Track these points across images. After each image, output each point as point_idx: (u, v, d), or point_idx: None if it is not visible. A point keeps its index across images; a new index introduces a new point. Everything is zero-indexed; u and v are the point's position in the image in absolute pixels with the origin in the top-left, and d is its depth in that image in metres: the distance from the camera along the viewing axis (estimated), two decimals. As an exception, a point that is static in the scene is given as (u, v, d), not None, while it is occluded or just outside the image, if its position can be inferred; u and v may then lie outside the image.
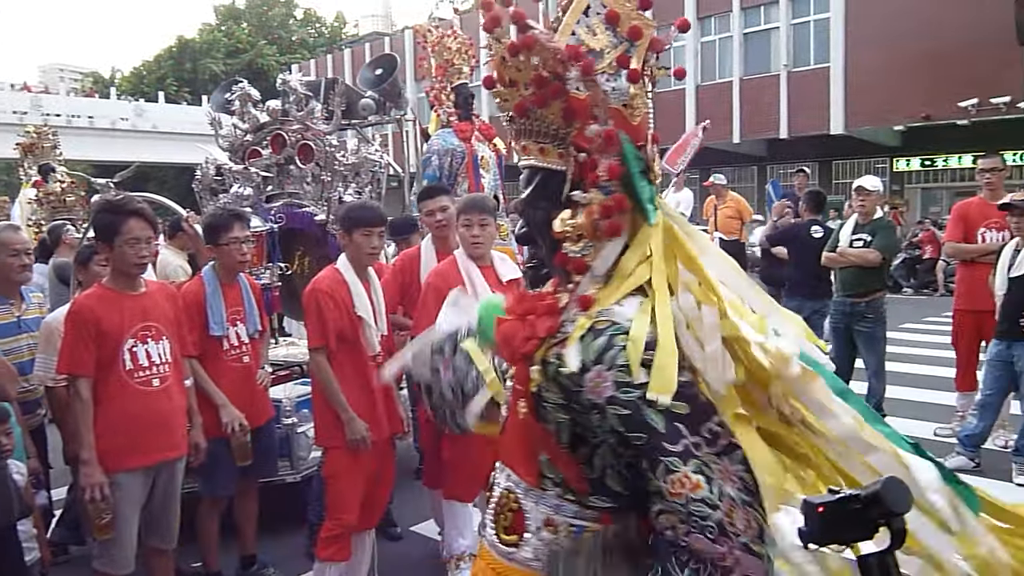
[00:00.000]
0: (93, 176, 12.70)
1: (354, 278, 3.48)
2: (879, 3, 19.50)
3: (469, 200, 3.83)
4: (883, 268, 6.14)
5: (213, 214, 4.08)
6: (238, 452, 3.55)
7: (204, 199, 5.22)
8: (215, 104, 5.78)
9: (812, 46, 21.18)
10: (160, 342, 3.13)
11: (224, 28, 48.98)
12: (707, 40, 23.54)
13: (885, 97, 19.34)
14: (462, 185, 7.21)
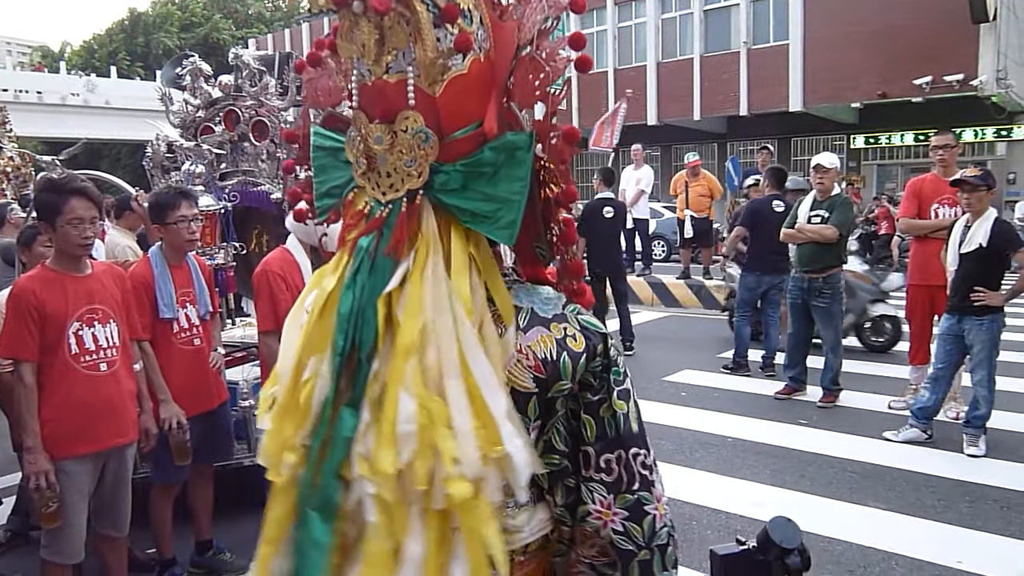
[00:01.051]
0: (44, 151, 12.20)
1: (305, 259, 3.43)
2: (837, -19, 19.66)
3: None
4: (840, 244, 6.22)
5: (158, 193, 3.97)
6: (176, 450, 3.46)
7: (155, 177, 5.08)
8: (165, 79, 5.62)
9: (771, 24, 21.30)
10: (107, 325, 3.02)
11: (178, 1, 47.79)
12: (667, 17, 23.55)
13: (842, 75, 19.56)
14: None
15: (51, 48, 52.45)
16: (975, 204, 5.12)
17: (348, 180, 1.31)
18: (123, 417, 3.08)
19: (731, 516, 4.31)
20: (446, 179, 1.21)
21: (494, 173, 1.20)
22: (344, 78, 1.29)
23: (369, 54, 1.21)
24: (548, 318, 1.29)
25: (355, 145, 1.27)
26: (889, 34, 18.67)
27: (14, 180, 7.95)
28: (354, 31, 1.21)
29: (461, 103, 1.20)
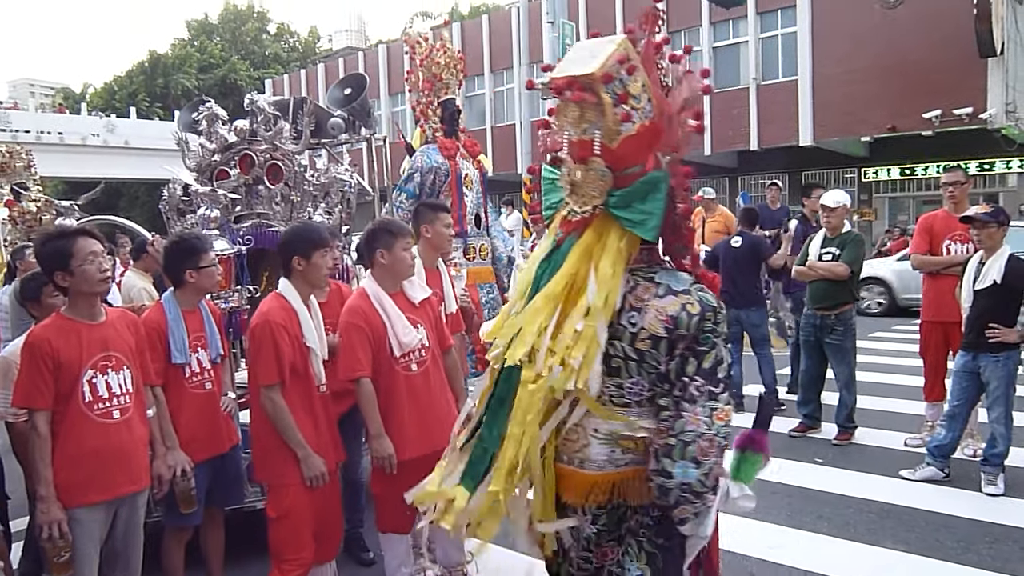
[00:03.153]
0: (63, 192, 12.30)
1: (301, 305, 3.42)
2: (844, 17, 19.80)
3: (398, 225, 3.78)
4: (852, 281, 6.18)
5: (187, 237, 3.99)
6: (181, 498, 3.45)
7: (171, 220, 5.13)
8: (182, 124, 5.69)
9: (780, 60, 21.42)
10: (120, 372, 3.04)
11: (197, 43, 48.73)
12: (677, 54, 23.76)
13: (852, 109, 19.61)
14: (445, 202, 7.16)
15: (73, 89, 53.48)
16: (986, 240, 5.09)
17: (561, 198, 2.16)
18: (136, 464, 3.08)
19: (748, 559, 4.24)
20: (616, 199, 2.02)
21: (644, 196, 1.99)
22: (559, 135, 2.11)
23: (574, 123, 2.04)
24: (678, 291, 2.00)
25: (565, 177, 2.12)
26: (898, 69, 18.75)
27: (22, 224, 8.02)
28: (565, 109, 2.06)
29: (629, 153, 1.99)
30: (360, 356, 3.44)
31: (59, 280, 2.99)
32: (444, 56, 7.50)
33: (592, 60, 2.00)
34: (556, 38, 13.97)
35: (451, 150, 7.33)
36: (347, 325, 3.49)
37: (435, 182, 7.20)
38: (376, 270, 3.62)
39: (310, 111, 5.26)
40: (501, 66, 28.07)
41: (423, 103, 7.51)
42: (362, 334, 3.46)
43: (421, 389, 3.59)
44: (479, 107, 28.86)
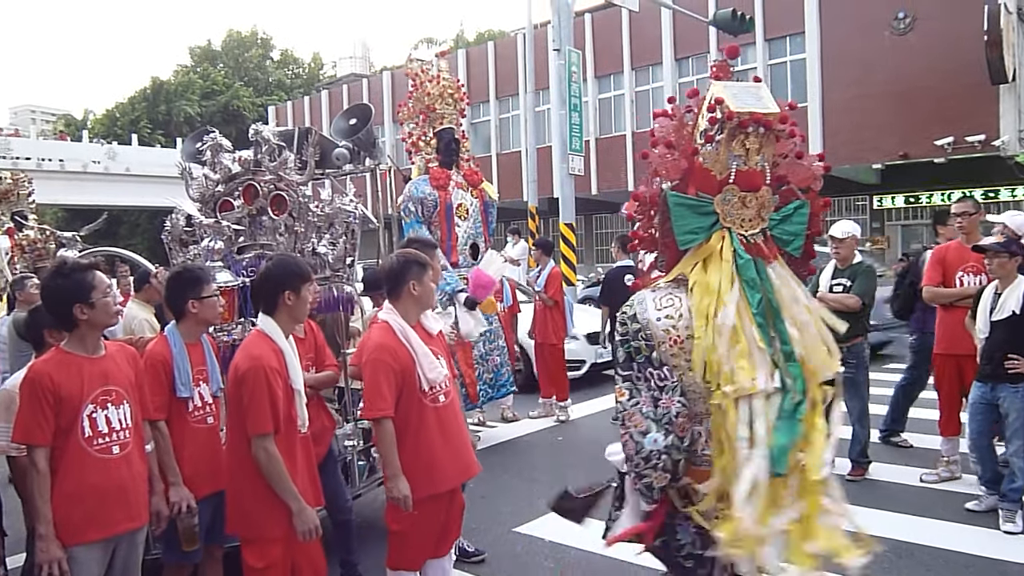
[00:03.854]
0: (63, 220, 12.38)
1: (286, 344, 3.35)
2: (854, 44, 19.98)
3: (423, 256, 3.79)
4: (864, 313, 6.18)
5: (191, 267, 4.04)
6: (184, 535, 3.45)
7: (173, 250, 5.17)
8: (186, 153, 5.74)
9: (789, 86, 21.61)
10: (120, 407, 3.06)
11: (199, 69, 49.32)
12: (685, 81, 23.94)
13: (862, 136, 19.72)
14: (435, 234, 7.23)
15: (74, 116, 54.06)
16: (997, 270, 5.10)
17: (712, 223, 2.47)
18: (135, 501, 3.09)
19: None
20: (773, 222, 2.50)
21: (791, 219, 2.50)
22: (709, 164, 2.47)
23: (750, 154, 2.44)
24: None
25: (729, 203, 2.45)
26: (909, 95, 18.88)
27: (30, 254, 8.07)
28: (744, 140, 2.43)
29: (776, 184, 2.50)
30: (387, 395, 3.39)
31: (77, 313, 3.01)
32: (438, 87, 7.61)
33: (769, 102, 2.45)
34: (562, 65, 14.09)
35: (441, 180, 7.42)
36: (375, 362, 3.42)
37: (422, 212, 7.30)
38: (403, 302, 3.59)
39: (315, 141, 5.32)
40: (506, 93, 28.33)
41: (415, 135, 7.62)
42: (389, 372, 3.41)
43: (450, 420, 3.60)
44: (484, 134, 29.10)
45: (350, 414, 5.19)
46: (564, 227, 13.61)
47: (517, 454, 7.45)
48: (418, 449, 3.44)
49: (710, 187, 2.45)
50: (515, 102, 27.98)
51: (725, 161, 2.43)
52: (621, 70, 25.11)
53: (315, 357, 4.26)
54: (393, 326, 3.52)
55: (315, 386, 4.19)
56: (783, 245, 2.50)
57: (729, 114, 2.37)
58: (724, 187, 2.44)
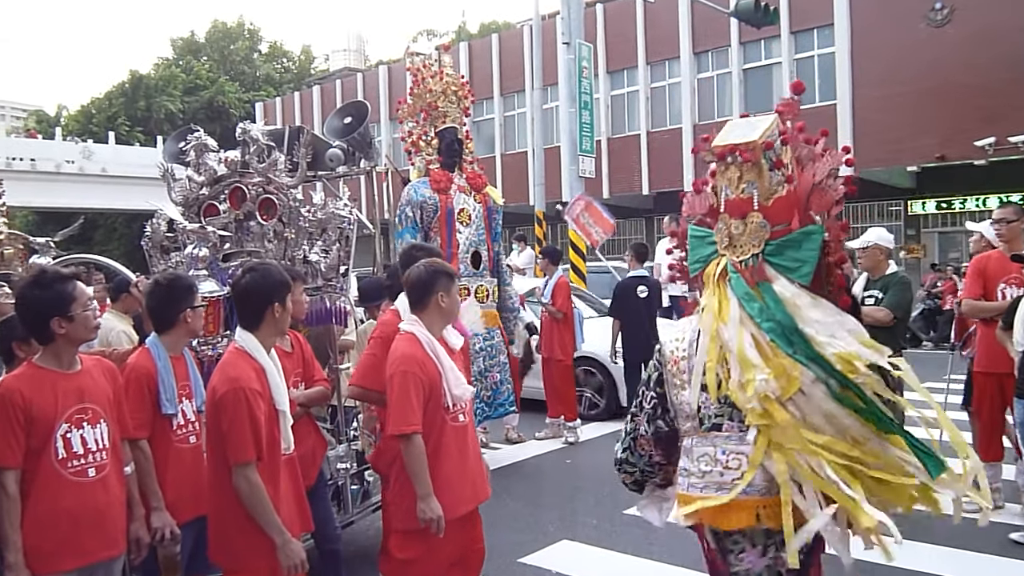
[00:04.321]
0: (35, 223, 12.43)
1: (268, 361, 3.34)
2: (887, 37, 19.97)
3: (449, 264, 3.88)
4: (897, 328, 6.15)
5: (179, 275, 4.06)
6: (165, 564, 3.46)
7: (154, 258, 5.20)
8: (168, 154, 5.78)
9: (816, 82, 21.61)
10: (97, 426, 3.07)
11: (182, 63, 49.49)
12: (704, 77, 24.00)
13: (896, 136, 19.68)
14: (435, 240, 7.24)
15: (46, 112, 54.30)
16: None
17: (712, 252, 2.81)
18: (112, 527, 3.10)
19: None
20: (772, 248, 2.69)
21: (799, 245, 2.67)
22: (713, 196, 2.84)
23: (733, 183, 2.76)
24: None
25: (721, 232, 2.79)
26: (946, 93, 18.86)
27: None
28: (725, 171, 2.77)
29: (781, 211, 2.70)
30: (416, 409, 3.43)
31: (55, 326, 3.01)
32: (440, 83, 7.64)
33: (753, 131, 2.74)
34: (572, 60, 14.15)
35: (442, 183, 7.44)
36: (403, 374, 3.47)
37: (422, 217, 7.31)
38: (429, 314, 3.64)
39: (307, 141, 5.36)
40: (512, 89, 28.42)
41: (415, 134, 7.64)
42: (418, 385, 3.45)
43: (467, 440, 3.66)
44: (487, 133, 29.17)
45: (343, 434, 5.20)
46: (573, 233, 13.62)
47: (522, 478, 7.45)
48: (436, 469, 3.48)
49: (714, 217, 2.84)
50: (521, 99, 28.07)
51: (718, 192, 2.83)
52: (635, 65, 25.16)
53: (304, 372, 4.28)
54: (420, 338, 3.57)
55: (305, 404, 4.20)
56: (789, 272, 2.69)
57: (714, 148, 2.80)
58: (719, 216, 2.82)
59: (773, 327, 2.61)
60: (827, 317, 2.65)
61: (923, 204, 22.14)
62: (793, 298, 2.64)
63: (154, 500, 3.45)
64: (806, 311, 2.62)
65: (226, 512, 3.22)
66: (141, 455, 3.47)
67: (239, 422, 3.13)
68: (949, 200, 21.57)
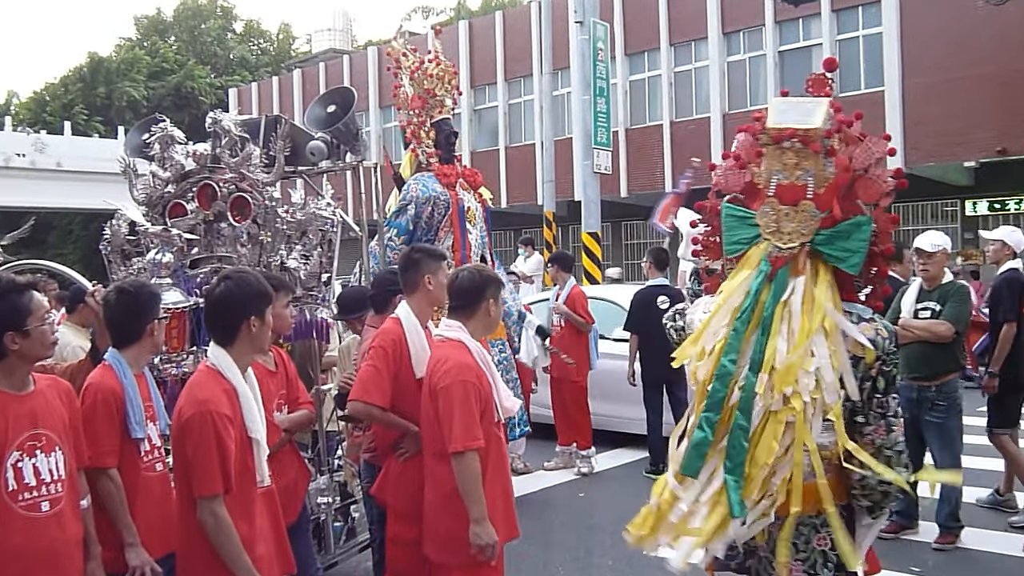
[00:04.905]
0: (-21, 226, 12.47)
1: (243, 383, 3.35)
2: (940, 16, 19.97)
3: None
4: (956, 344, 6.15)
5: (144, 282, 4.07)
6: None
7: (114, 264, 5.22)
8: (130, 147, 5.80)
9: (862, 67, 21.64)
10: (52, 454, 3.06)
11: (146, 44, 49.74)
12: (734, 60, 24.01)
13: (951, 128, 19.66)
14: (445, 240, 7.25)
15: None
16: None
17: (754, 236, 3.05)
18: (68, 567, 3.08)
19: None
20: (822, 238, 2.96)
21: (848, 236, 2.94)
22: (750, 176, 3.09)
23: (789, 169, 2.98)
24: (867, 318, 2.99)
25: (768, 216, 3.01)
26: (1007, 80, 18.84)
27: None
28: (781, 156, 2.99)
29: (829, 199, 2.96)
30: (479, 423, 3.59)
31: (8, 342, 3.00)
32: (437, 68, 7.67)
33: (811, 116, 2.97)
34: (586, 41, 14.19)
35: (452, 178, 7.46)
36: (463, 384, 3.61)
37: (433, 215, 7.29)
38: (475, 322, 3.85)
39: (285, 132, 5.38)
40: (518, 73, 28.50)
41: (415, 123, 7.66)
42: (478, 396, 3.62)
43: (507, 462, 3.82)
44: (490, 123, 29.26)
45: (325, 464, 5.21)
46: (587, 237, 13.66)
47: (530, 514, 7.43)
48: (493, 486, 3.63)
49: (758, 200, 3.06)
50: (528, 85, 28.13)
51: (768, 175, 3.04)
52: (657, 46, 25.20)
53: (288, 393, 4.30)
54: (470, 346, 3.72)
55: (291, 428, 4.22)
56: (838, 262, 2.97)
57: (770, 131, 3.01)
58: (766, 200, 3.04)
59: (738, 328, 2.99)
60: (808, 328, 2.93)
61: (982, 204, 22.05)
62: (794, 300, 2.95)
63: (128, 535, 3.44)
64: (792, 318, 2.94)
65: (194, 549, 3.23)
66: (112, 485, 3.46)
67: (205, 449, 3.13)
68: (1005, 200, 21.49)
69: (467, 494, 3.54)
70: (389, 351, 4.05)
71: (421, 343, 4.08)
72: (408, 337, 4.09)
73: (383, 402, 3.95)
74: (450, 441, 3.56)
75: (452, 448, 3.55)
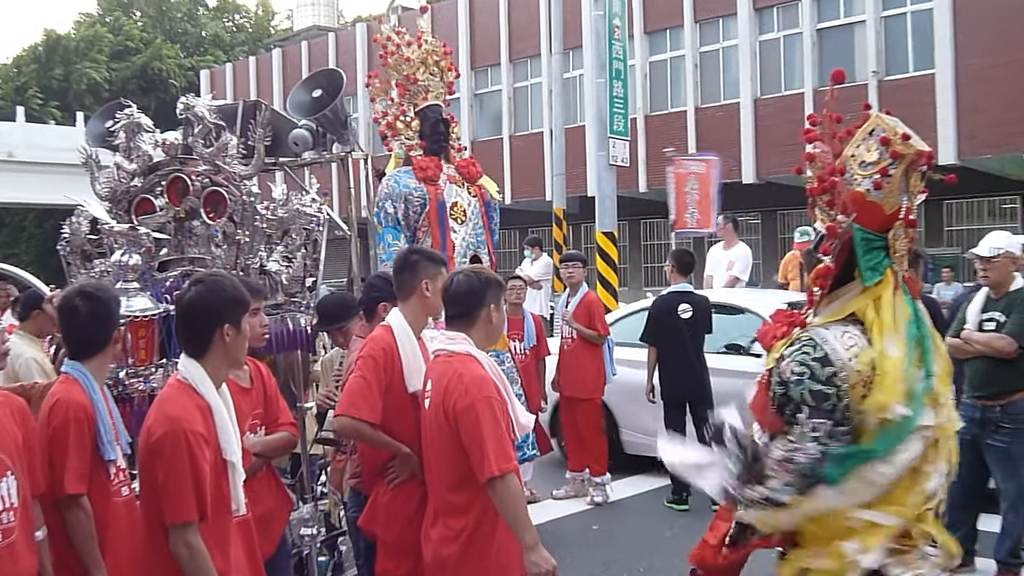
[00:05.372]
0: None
1: (217, 399, 3.35)
2: (999, -11, 19.95)
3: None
4: (1022, 360, 6.12)
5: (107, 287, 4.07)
6: None
7: (73, 266, 5.21)
8: (92, 135, 5.81)
9: (910, 47, 21.61)
10: (3, 480, 3.06)
11: (109, 20, 49.81)
12: (767, 39, 23.99)
13: (1011, 116, 19.60)
14: (424, 241, 7.25)
15: (-61, 83, 54.57)
16: None
17: (886, 260, 3.26)
18: (18, 609, 3.09)
19: None
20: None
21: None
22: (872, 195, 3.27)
23: (914, 192, 3.30)
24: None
25: (900, 240, 3.25)
26: (1074, 60, 18.81)
27: None
28: (911, 177, 3.28)
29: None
30: (510, 440, 3.64)
31: None
32: (418, 51, 7.68)
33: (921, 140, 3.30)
34: (600, 17, 14.16)
35: (430, 171, 7.45)
36: (487, 401, 3.61)
37: (408, 213, 7.30)
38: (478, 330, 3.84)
39: (265, 119, 5.37)
40: (524, 54, 28.53)
41: (392, 114, 7.67)
42: (504, 414, 3.66)
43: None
44: (493, 109, 29.28)
45: (308, 491, 5.20)
46: (602, 237, 13.64)
47: (536, 548, 7.43)
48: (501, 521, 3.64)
49: (876, 222, 3.27)
50: (536, 66, 28.17)
51: (897, 196, 3.25)
52: (680, 24, 25.21)
53: (265, 413, 4.28)
54: (481, 360, 3.75)
55: (266, 453, 4.21)
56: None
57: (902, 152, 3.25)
58: (895, 223, 3.26)
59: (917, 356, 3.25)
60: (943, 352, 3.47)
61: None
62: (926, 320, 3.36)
63: (97, 571, 3.45)
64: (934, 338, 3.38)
65: None
66: (83, 515, 3.46)
67: (178, 472, 3.13)
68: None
69: (514, 521, 3.56)
70: (380, 361, 4.03)
71: (415, 354, 4.07)
72: (400, 347, 4.08)
73: (373, 418, 3.94)
74: (484, 467, 3.53)
75: (488, 473, 3.51)
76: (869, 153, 3.31)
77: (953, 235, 22.75)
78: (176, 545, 3.13)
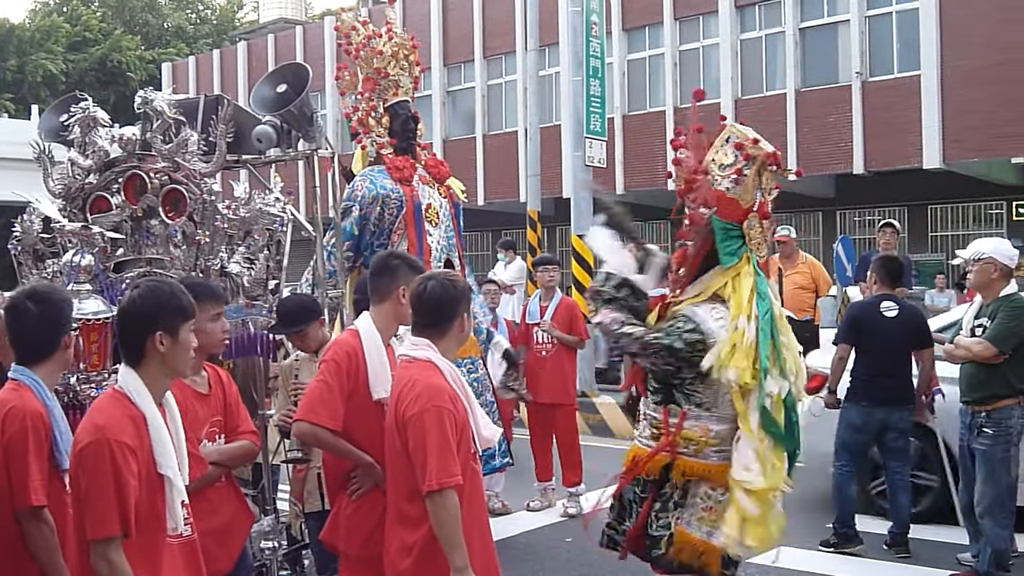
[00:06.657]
0: None
1: (152, 409, 3.28)
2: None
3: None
4: (1008, 366, 6.17)
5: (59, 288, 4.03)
6: None
7: (24, 266, 5.18)
8: (45, 129, 5.78)
9: (895, 48, 21.73)
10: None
11: (66, 10, 49.44)
12: (748, 37, 24.09)
13: (998, 118, 19.75)
14: (400, 244, 7.21)
15: None
16: None
17: (742, 246, 4.41)
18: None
19: None
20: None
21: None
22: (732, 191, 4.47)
23: (768, 188, 4.56)
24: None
25: (754, 230, 4.43)
26: (1062, 62, 18.97)
27: None
28: (768, 175, 4.52)
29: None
30: (456, 454, 3.60)
31: None
32: (389, 44, 7.65)
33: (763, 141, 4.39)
34: (577, 13, 14.19)
35: (406, 171, 7.41)
36: (436, 411, 3.60)
37: (383, 216, 7.25)
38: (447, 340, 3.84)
39: (227, 115, 5.35)
40: (498, 50, 28.52)
41: (362, 110, 7.62)
42: (453, 425, 3.62)
43: (483, 496, 3.92)
44: (466, 107, 29.25)
45: (269, 503, 5.17)
46: (578, 241, 13.64)
47: (509, 562, 7.38)
48: (469, 528, 3.64)
49: (735, 215, 4.32)
50: (510, 63, 28.16)
51: (752, 192, 4.29)
52: (660, 20, 25.25)
53: (225, 421, 4.25)
54: (441, 367, 3.72)
55: (224, 462, 4.17)
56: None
57: (753, 155, 4.33)
58: (749, 215, 4.28)
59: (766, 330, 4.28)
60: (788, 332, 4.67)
61: (1026, 207, 22.21)
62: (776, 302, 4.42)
63: None
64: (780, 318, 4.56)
65: None
66: (46, 528, 3.43)
67: (100, 484, 3.05)
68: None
69: (446, 540, 3.51)
70: (343, 366, 4.02)
71: (381, 359, 4.06)
72: (366, 351, 4.06)
73: (334, 424, 3.91)
74: (424, 478, 3.53)
75: (427, 486, 3.51)
76: (726, 157, 4.36)
77: (938, 240, 22.89)
78: (96, 561, 3.05)
